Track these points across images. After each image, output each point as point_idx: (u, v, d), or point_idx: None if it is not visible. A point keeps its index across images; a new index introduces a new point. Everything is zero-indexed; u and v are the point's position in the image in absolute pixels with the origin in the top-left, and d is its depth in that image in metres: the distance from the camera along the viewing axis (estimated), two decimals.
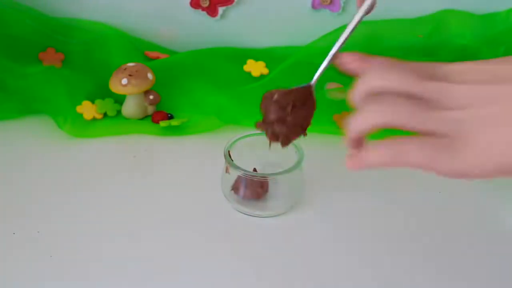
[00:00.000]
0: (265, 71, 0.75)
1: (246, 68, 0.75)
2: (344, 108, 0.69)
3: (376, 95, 0.33)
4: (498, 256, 0.51)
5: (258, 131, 0.49)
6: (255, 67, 0.75)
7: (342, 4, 0.77)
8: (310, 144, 0.67)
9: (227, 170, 0.56)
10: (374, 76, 0.34)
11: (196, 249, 0.51)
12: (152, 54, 0.78)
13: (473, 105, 0.32)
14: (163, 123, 0.67)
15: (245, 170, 0.53)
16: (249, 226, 0.54)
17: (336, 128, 0.67)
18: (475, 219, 0.55)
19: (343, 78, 0.72)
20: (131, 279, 0.48)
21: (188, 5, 0.77)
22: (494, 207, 0.57)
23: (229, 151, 0.55)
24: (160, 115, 0.68)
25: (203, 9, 0.77)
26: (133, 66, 0.68)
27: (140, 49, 0.78)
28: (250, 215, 0.55)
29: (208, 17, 0.78)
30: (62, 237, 0.52)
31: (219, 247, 0.51)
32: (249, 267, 0.49)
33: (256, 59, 0.76)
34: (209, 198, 0.57)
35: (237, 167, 0.53)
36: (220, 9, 0.77)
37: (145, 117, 0.69)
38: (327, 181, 0.59)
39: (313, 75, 0.76)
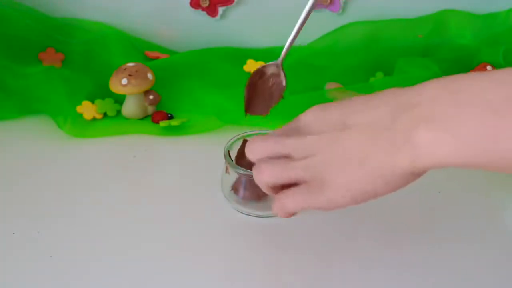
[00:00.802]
0: None
1: (246, 68, 0.75)
2: None
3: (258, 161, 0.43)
4: (499, 256, 0.51)
5: (258, 131, 0.54)
6: (255, 67, 0.75)
7: (342, 4, 0.77)
8: None
9: (226, 170, 0.56)
10: (253, 148, 0.44)
11: (196, 249, 0.51)
12: (152, 54, 0.78)
13: (317, 152, 0.38)
14: (163, 123, 0.67)
15: (245, 170, 0.53)
16: (249, 226, 0.54)
17: None
18: (475, 219, 0.55)
19: (343, 78, 0.73)
20: (131, 279, 0.48)
21: (188, 5, 0.77)
22: (495, 207, 0.57)
23: (229, 151, 0.55)
24: (160, 115, 0.68)
25: (203, 9, 0.77)
26: (133, 66, 0.68)
27: (140, 49, 0.78)
28: (250, 215, 0.55)
29: (208, 17, 0.78)
30: (62, 237, 0.52)
31: (219, 247, 0.51)
32: (249, 267, 0.49)
33: (256, 59, 0.76)
34: (209, 198, 0.57)
35: (237, 167, 0.53)
36: (220, 9, 0.77)
37: (145, 117, 0.69)
38: None
39: (313, 75, 0.76)
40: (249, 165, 0.53)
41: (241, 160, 0.54)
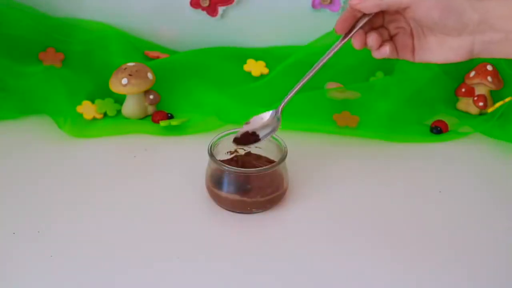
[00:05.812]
0: (265, 71, 0.75)
1: (246, 68, 0.75)
2: (344, 108, 0.69)
3: None
4: (498, 255, 0.51)
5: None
6: (255, 67, 0.75)
7: (342, 4, 0.77)
8: (310, 143, 0.67)
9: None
10: None
11: (196, 249, 0.51)
12: (152, 54, 0.78)
13: None
14: (163, 123, 0.67)
15: (229, 167, 0.54)
16: (249, 225, 0.54)
17: (336, 127, 0.67)
18: (475, 218, 0.55)
19: (343, 77, 0.73)
20: (130, 279, 0.48)
21: (188, 5, 0.77)
22: (494, 207, 0.57)
23: (212, 148, 0.56)
24: (160, 115, 0.69)
25: (203, 8, 0.77)
26: (133, 66, 0.68)
27: (140, 49, 0.78)
28: (249, 214, 0.55)
29: (208, 17, 0.78)
30: (62, 237, 0.52)
31: (219, 246, 0.51)
32: (249, 266, 0.50)
33: (256, 59, 0.76)
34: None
35: (222, 164, 0.54)
36: (220, 9, 0.77)
37: (145, 117, 0.70)
38: (326, 179, 0.59)
39: (313, 75, 0.76)
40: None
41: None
